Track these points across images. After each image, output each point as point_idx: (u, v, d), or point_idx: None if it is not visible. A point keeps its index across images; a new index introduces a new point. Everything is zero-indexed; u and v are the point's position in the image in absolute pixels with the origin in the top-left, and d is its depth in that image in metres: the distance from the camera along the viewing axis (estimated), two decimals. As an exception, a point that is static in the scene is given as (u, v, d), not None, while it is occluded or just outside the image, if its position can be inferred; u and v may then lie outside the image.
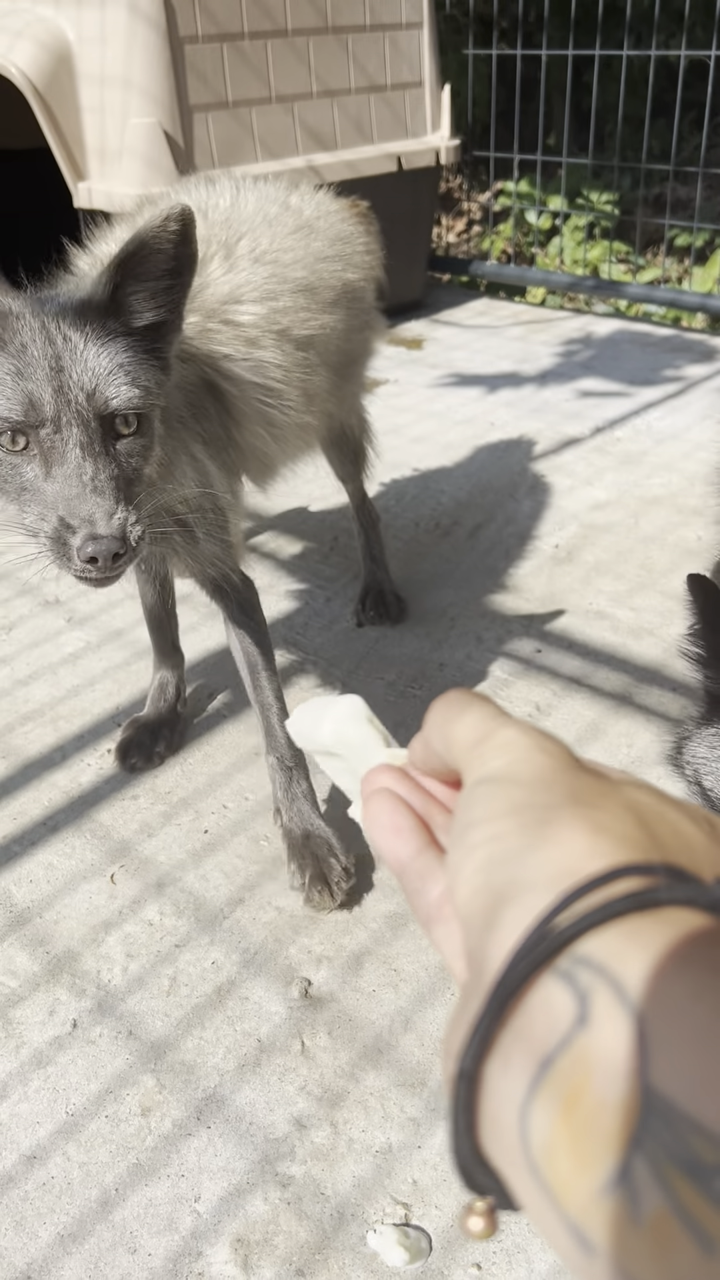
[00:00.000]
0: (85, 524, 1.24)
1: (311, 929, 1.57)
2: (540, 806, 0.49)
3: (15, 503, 1.33)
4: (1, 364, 1.28)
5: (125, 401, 1.30)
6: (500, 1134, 0.43)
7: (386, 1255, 1.15)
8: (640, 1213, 0.36)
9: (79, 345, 1.30)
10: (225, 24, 3.39)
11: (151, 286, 1.35)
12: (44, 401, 1.26)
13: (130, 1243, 1.18)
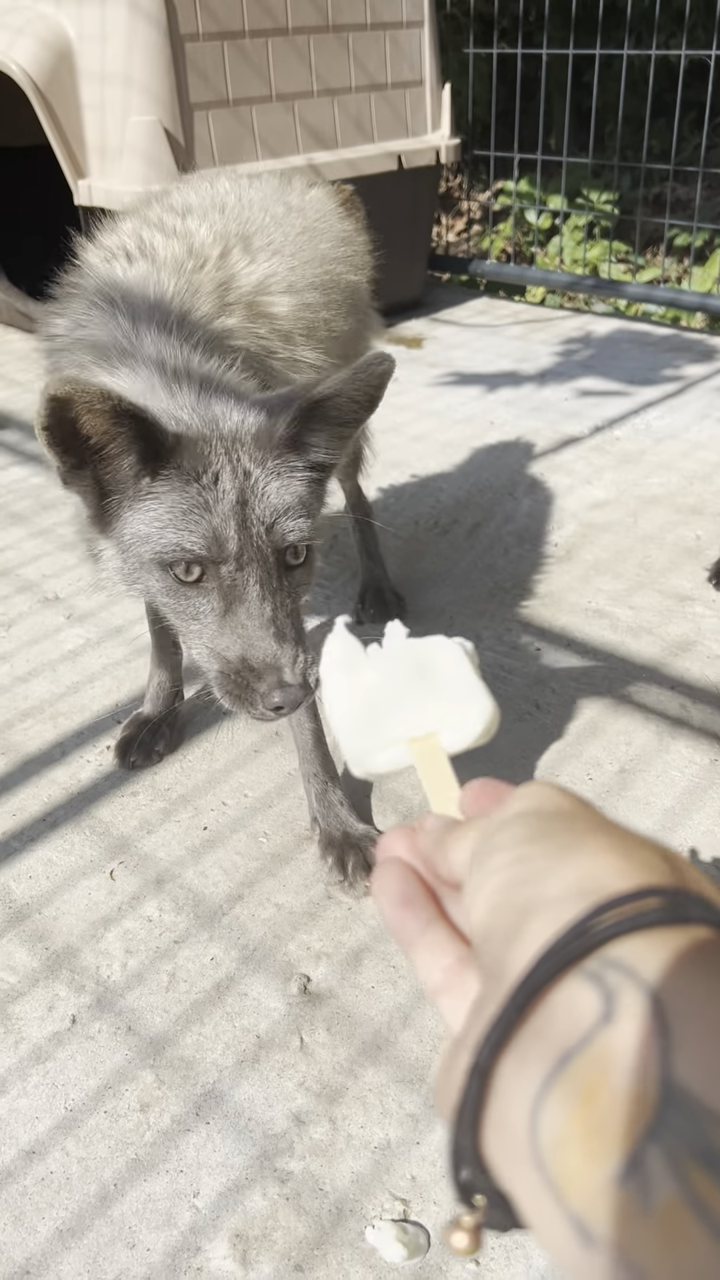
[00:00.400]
0: (271, 670, 1.24)
1: (311, 925, 1.57)
2: (566, 832, 0.51)
3: (183, 631, 1.33)
4: (190, 495, 1.26)
5: (300, 536, 1.30)
6: (507, 1130, 0.43)
7: (385, 1251, 1.16)
8: (650, 1202, 0.37)
9: (261, 480, 1.29)
10: (226, 22, 3.39)
11: (334, 431, 1.36)
12: (228, 538, 1.25)
13: (129, 1238, 1.18)
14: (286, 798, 1.82)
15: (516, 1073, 0.43)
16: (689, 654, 2.18)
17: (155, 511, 1.28)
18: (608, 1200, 0.38)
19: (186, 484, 1.27)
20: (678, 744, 1.92)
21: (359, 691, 0.69)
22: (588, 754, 1.90)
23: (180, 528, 1.26)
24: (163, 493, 1.27)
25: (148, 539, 1.28)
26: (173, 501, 1.27)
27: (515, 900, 0.48)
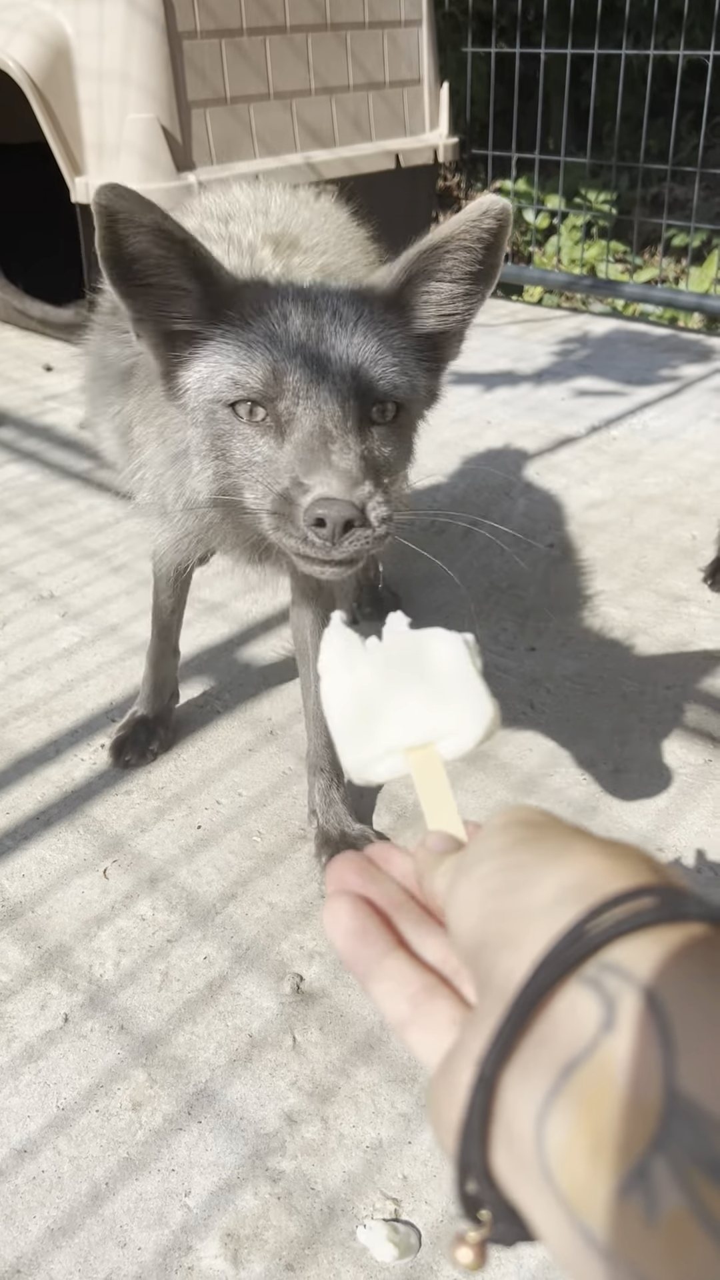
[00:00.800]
0: (319, 484, 1.10)
1: (304, 924, 1.57)
2: (553, 838, 0.51)
3: (239, 476, 1.21)
4: (255, 329, 1.19)
5: (390, 386, 1.19)
6: (514, 1141, 0.43)
7: (376, 1250, 1.16)
8: (656, 1213, 0.36)
9: (350, 322, 1.19)
10: (224, 20, 3.38)
11: (445, 290, 1.25)
12: (288, 371, 1.16)
13: (120, 1237, 1.18)
14: (280, 797, 1.82)
15: (521, 1083, 0.43)
16: (684, 654, 2.18)
17: (216, 353, 1.21)
18: (614, 1211, 0.38)
19: (250, 323, 1.19)
20: (672, 744, 1.92)
21: (357, 694, 0.69)
22: (582, 754, 1.90)
23: (239, 362, 1.18)
24: (224, 336, 1.20)
25: (207, 382, 1.21)
26: (238, 339, 1.19)
27: (508, 906, 0.48)
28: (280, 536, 1.15)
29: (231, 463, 1.21)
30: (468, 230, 1.20)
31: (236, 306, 1.20)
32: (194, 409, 1.25)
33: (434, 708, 0.67)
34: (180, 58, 3.30)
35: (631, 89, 4.88)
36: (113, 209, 1.12)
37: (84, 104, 3.43)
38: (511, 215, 1.20)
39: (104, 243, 1.15)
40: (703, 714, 2.00)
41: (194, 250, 1.17)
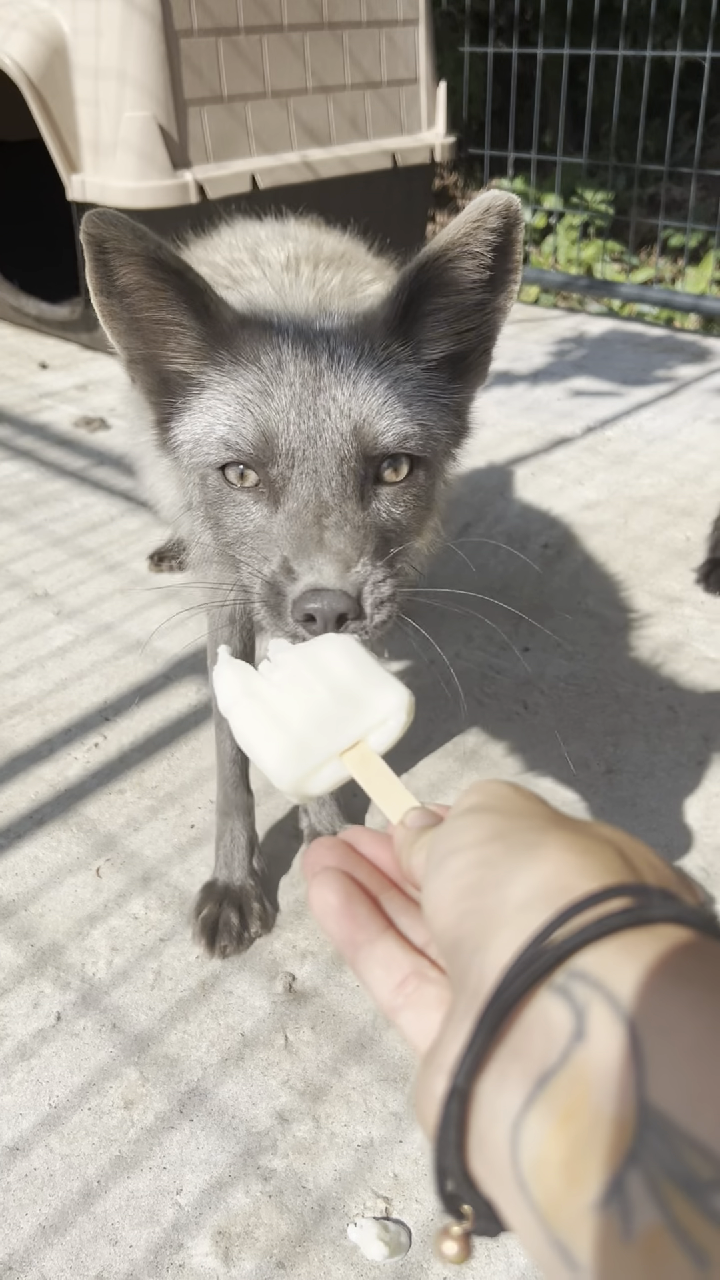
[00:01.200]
0: (309, 570, 0.97)
1: (296, 924, 1.57)
2: (525, 830, 0.50)
3: (236, 550, 1.09)
4: (246, 381, 1.07)
5: (397, 440, 1.06)
6: (489, 1151, 0.43)
7: (366, 1249, 1.16)
8: (632, 1228, 0.36)
9: (350, 365, 1.06)
10: (221, 18, 3.38)
11: (455, 304, 1.12)
12: (280, 433, 1.04)
13: (111, 1234, 1.18)
14: (273, 796, 1.83)
15: (496, 1094, 0.43)
16: (677, 655, 2.19)
17: (209, 406, 1.10)
18: (588, 1226, 0.38)
19: (243, 370, 1.07)
20: (665, 745, 1.92)
21: (273, 719, 0.68)
22: (574, 754, 1.90)
23: (229, 422, 1.07)
24: (218, 384, 1.09)
25: (199, 442, 1.11)
26: (229, 392, 1.08)
27: (478, 906, 0.48)
28: (271, 619, 1.02)
29: (225, 532, 1.10)
30: (470, 233, 1.06)
31: (233, 347, 1.10)
32: (188, 468, 1.16)
33: (350, 707, 0.67)
34: (177, 56, 3.30)
35: (628, 89, 4.88)
36: (101, 237, 1.02)
37: (80, 102, 3.43)
38: (520, 211, 1.07)
39: (94, 274, 1.07)
40: (695, 715, 2.01)
41: (190, 281, 1.06)
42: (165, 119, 3.31)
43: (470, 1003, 0.46)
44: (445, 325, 1.12)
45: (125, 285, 1.08)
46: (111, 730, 1.98)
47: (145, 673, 2.14)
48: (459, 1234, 0.46)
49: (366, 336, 1.09)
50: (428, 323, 1.12)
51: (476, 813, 0.53)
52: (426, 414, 1.10)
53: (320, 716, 0.67)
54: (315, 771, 0.67)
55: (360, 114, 3.92)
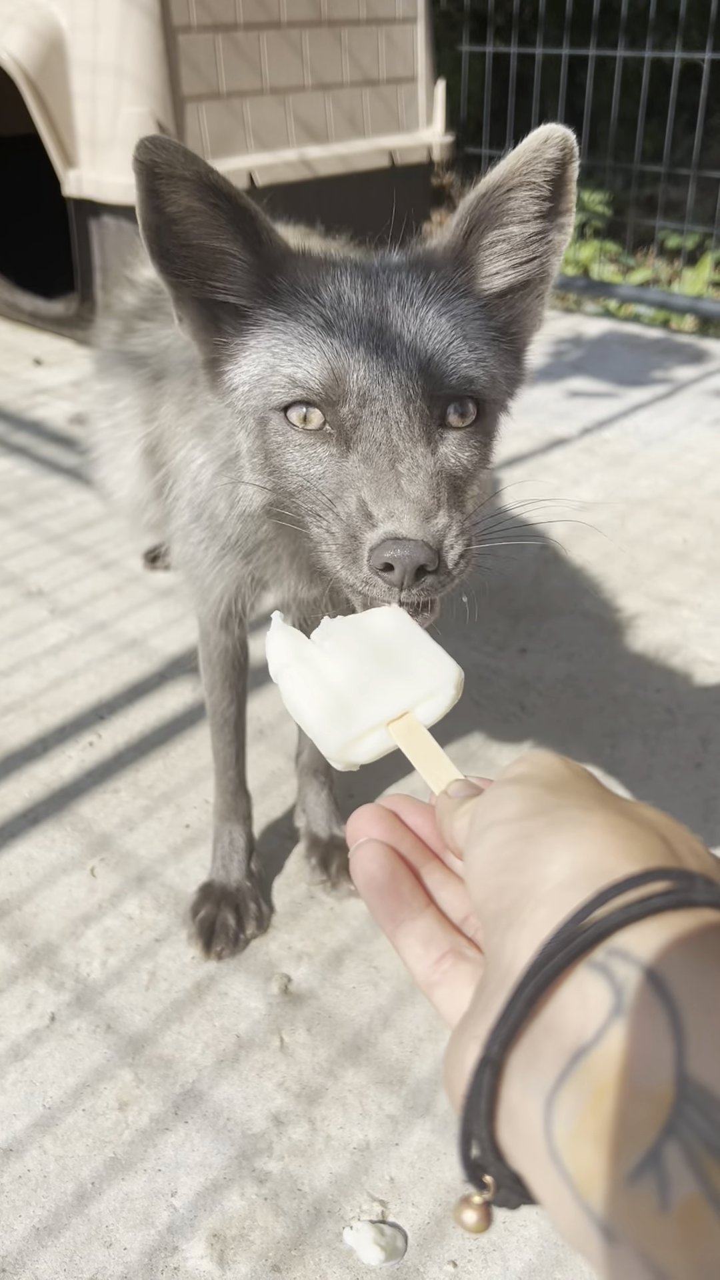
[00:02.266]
0: (388, 517, 0.92)
1: (292, 925, 1.57)
2: (569, 807, 0.50)
3: (298, 495, 1.04)
4: (308, 316, 1.03)
5: (466, 381, 1.03)
6: (520, 1124, 0.43)
7: (362, 1252, 1.15)
8: (669, 1199, 0.36)
9: (416, 298, 1.03)
10: (219, 14, 3.37)
11: (513, 235, 1.09)
12: (349, 370, 0.99)
13: (106, 1237, 1.17)
14: (269, 797, 1.82)
15: (529, 1068, 0.43)
16: (675, 657, 2.18)
17: (266, 345, 1.05)
18: (625, 1198, 0.38)
19: (303, 304, 1.03)
20: (662, 747, 1.92)
21: (322, 684, 0.69)
22: (572, 756, 1.90)
23: (293, 359, 1.02)
24: (277, 320, 1.05)
25: (258, 383, 1.06)
26: (290, 329, 1.04)
27: (519, 881, 0.48)
28: (345, 567, 0.97)
29: (286, 477, 1.05)
30: (529, 163, 1.05)
31: (288, 277, 1.06)
32: (243, 411, 1.10)
33: (400, 678, 0.68)
34: (175, 52, 3.29)
35: (627, 90, 4.88)
36: (153, 162, 0.99)
37: (77, 97, 3.42)
38: (575, 145, 1.05)
39: (144, 204, 1.02)
40: (693, 717, 2.00)
41: (242, 207, 1.03)
42: (163, 115, 3.30)
43: (505, 977, 0.46)
44: (503, 257, 1.10)
45: (175, 213, 1.04)
46: (106, 729, 1.97)
47: (140, 671, 2.13)
48: (479, 1204, 0.46)
49: (430, 268, 1.07)
50: (486, 254, 1.10)
51: (521, 784, 0.53)
52: (489, 356, 1.06)
53: (369, 685, 0.68)
54: (361, 739, 0.67)
55: (358, 112, 3.91)
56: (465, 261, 1.09)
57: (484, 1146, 0.45)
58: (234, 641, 1.52)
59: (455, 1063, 0.47)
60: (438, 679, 0.67)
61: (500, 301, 1.12)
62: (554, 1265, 1.15)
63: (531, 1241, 1.17)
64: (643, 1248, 0.37)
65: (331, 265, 1.07)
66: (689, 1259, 0.36)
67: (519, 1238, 1.17)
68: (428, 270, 1.07)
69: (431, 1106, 1.31)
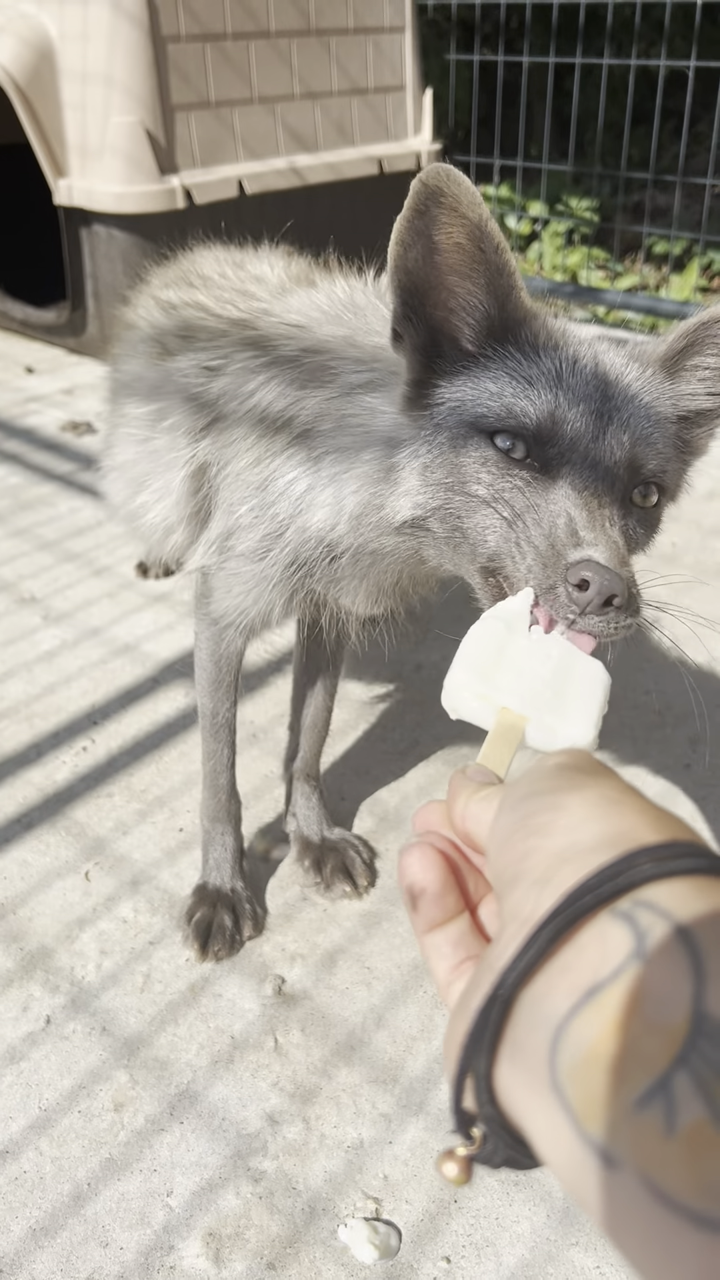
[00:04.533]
0: (594, 545, 0.98)
1: (286, 927, 1.58)
2: (603, 788, 0.52)
3: (474, 515, 1.09)
4: (542, 365, 1.10)
5: (660, 468, 1.11)
6: (525, 1056, 0.45)
7: (357, 1250, 1.17)
8: (675, 1123, 0.38)
9: (632, 386, 1.12)
10: (208, 24, 3.39)
11: (714, 367, 1.18)
12: (568, 418, 1.07)
13: (102, 1236, 1.18)
14: (262, 800, 1.83)
15: (541, 1002, 0.45)
16: (665, 660, 2.20)
17: (488, 376, 1.11)
18: (629, 1124, 0.39)
19: (535, 354, 1.10)
20: (650, 749, 1.94)
21: (503, 644, 0.75)
22: (562, 757, 1.91)
23: (517, 393, 1.09)
24: (500, 362, 1.12)
25: (474, 402, 1.11)
26: (514, 368, 1.10)
27: (548, 845, 0.50)
28: (541, 587, 0.98)
29: (467, 496, 1.10)
30: None
31: (524, 333, 1.12)
32: (439, 425, 1.14)
33: (551, 700, 0.71)
34: (164, 61, 3.31)
35: (613, 97, 4.91)
36: (439, 190, 1.02)
37: (67, 106, 3.43)
38: None
39: (411, 221, 1.05)
40: (681, 720, 2.02)
41: (503, 261, 1.07)
42: (152, 124, 3.32)
43: (523, 926, 0.47)
44: (702, 383, 1.18)
45: (441, 242, 1.07)
46: (100, 734, 1.98)
47: (133, 676, 2.14)
48: (462, 1156, 0.48)
49: (646, 367, 1.15)
50: (690, 373, 1.18)
51: (558, 768, 0.55)
52: (672, 456, 1.15)
53: (527, 676, 0.73)
54: (477, 698, 0.71)
55: (347, 120, 3.93)
56: (673, 373, 1.17)
57: (480, 1084, 0.46)
58: (244, 647, 1.55)
59: (461, 1011, 0.49)
60: (572, 731, 0.70)
61: (687, 421, 1.20)
62: (546, 1260, 1.16)
63: (524, 1237, 1.18)
64: (646, 1171, 0.38)
65: (565, 337, 1.14)
66: (693, 1178, 0.37)
67: (511, 1233, 1.18)
68: (644, 367, 1.15)
69: (425, 1104, 1.32)
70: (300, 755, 1.74)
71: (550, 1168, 0.44)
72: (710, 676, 2.15)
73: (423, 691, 2.10)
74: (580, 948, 0.44)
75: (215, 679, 1.56)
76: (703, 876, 0.45)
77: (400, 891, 0.60)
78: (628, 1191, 0.39)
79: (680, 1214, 0.37)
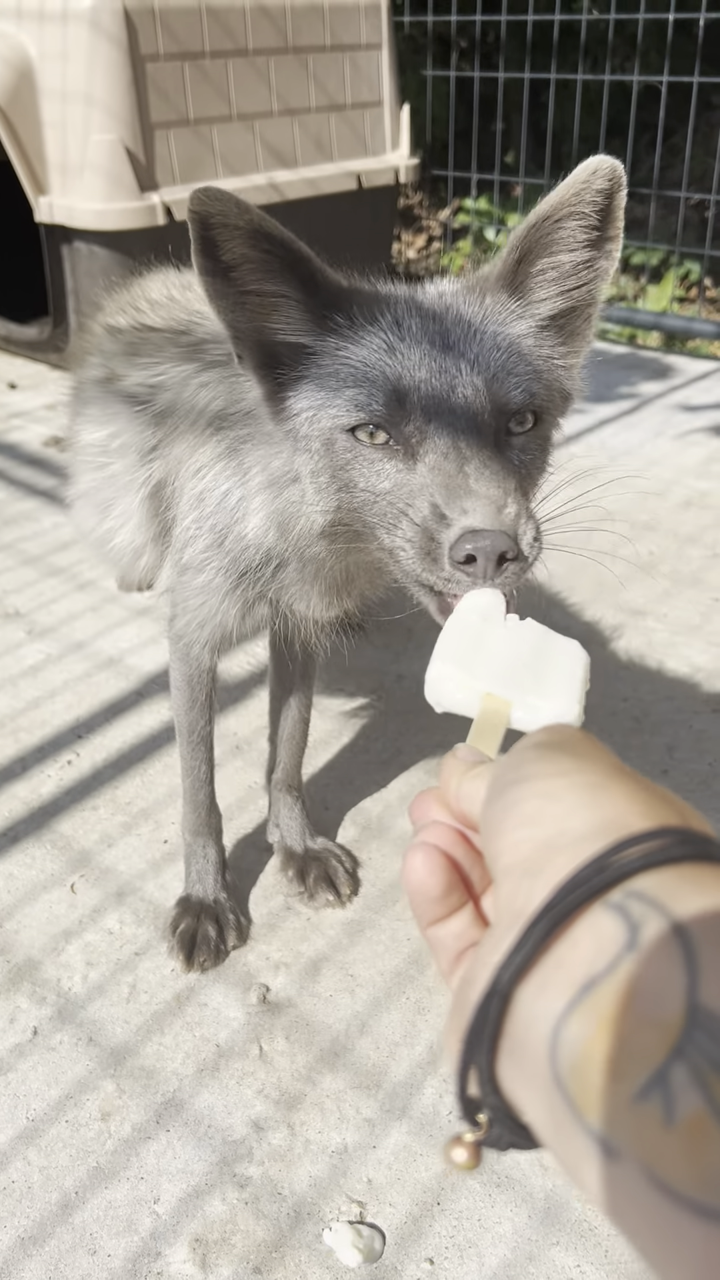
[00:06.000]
0: (462, 514, 0.98)
1: (270, 936, 1.60)
2: (590, 772, 0.52)
3: (365, 510, 1.10)
4: (370, 342, 1.08)
5: (526, 395, 1.09)
6: (525, 1051, 0.45)
7: (341, 1253, 1.18)
8: (674, 1114, 0.39)
9: (474, 323, 1.09)
10: (187, 43, 3.42)
11: (565, 262, 1.14)
12: (412, 388, 1.05)
13: (90, 1244, 1.20)
14: (246, 811, 1.85)
15: (538, 998, 0.45)
16: (641, 667, 2.23)
17: (328, 372, 1.10)
18: (629, 1116, 0.40)
19: (363, 333, 1.09)
20: (629, 755, 1.96)
21: (479, 633, 0.76)
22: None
23: (357, 383, 1.08)
24: (339, 348, 1.10)
25: (323, 407, 1.11)
26: (353, 355, 1.09)
27: (538, 835, 0.50)
28: (425, 569, 1.02)
29: (354, 493, 1.11)
30: (578, 194, 1.09)
31: (345, 312, 1.12)
32: (306, 436, 1.14)
33: (532, 682, 0.73)
34: (143, 80, 3.34)
35: (589, 110, 4.96)
36: (206, 213, 1.04)
37: (47, 125, 3.46)
38: (623, 175, 1.09)
39: (200, 253, 1.07)
40: (660, 726, 2.05)
41: (296, 252, 1.09)
42: (132, 142, 3.35)
43: (516, 919, 0.48)
44: (553, 284, 1.16)
45: (231, 260, 1.09)
46: (84, 747, 2.00)
47: (118, 690, 2.16)
48: (470, 1142, 0.48)
49: (485, 295, 1.13)
50: (536, 281, 1.15)
51: (544, 747, 0.55)
52: (545, 370, 1.14)
53: (507, 662, 0.74)
54: (460, 688, 0.72)
55: (325, 136, 3.97)
56: (517, 287, 1.15)
57: (483, 1078, 0.47)
58: (215, 663, 1.55)
59: (460, 1004, 0.49)
60: (556, 710, 0.72)
61: (550, 324, 1.18)
62: (528, 1260, 1.18)
63: (506, 1238, 1.20)
64: (646, 1162, 0.39)
65: (387, 297, 1.13)
66: (692, 1168, 0.38)
67: (494, 1234, 1.20)
68: (482, 296, 1.14)
69: (408, 1109, 1.34)
70: (280, 766, 1.76)
71: (554, 1158, 0.45)
72: (687, 682, 2.18)
73: (404, 702, 2.12)
74: (574, 942, 0.45)
75: (190, 697, 1.57)
76: (692, 863, 0.45)
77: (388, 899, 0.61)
78: (629, 1181, 0.40)
79: (681, 1204, 0.38)
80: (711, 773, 1.92)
